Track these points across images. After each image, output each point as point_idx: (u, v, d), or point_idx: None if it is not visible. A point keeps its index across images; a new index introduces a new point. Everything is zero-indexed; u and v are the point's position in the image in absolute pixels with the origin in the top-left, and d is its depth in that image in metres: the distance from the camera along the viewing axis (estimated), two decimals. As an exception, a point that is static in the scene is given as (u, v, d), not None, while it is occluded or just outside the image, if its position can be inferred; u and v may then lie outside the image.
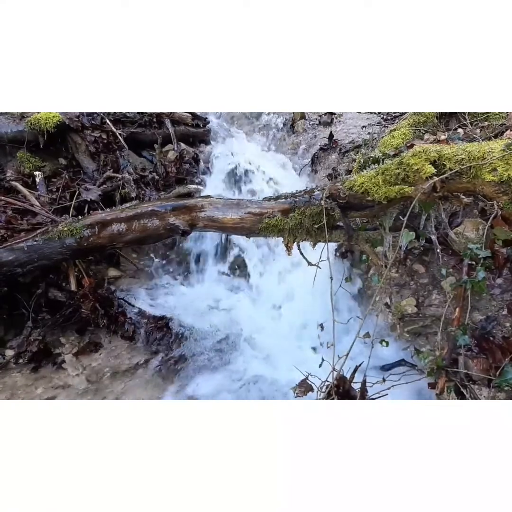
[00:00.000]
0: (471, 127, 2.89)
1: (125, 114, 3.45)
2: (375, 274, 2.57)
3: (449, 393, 1.96)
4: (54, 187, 3.05)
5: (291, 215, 2.07)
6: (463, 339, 2.01)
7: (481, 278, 2.05)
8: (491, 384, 1.93)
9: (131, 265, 3.10)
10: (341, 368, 1.79)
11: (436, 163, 1.68)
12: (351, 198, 1.93)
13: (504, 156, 1.57)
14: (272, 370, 2.46)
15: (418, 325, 2.36)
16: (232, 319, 2.83)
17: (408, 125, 3.04)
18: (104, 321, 2.59)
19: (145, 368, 2.46)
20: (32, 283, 2.56)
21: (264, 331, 2.74)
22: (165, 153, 3.54)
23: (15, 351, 2.42)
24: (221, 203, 2.23)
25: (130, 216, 2.32)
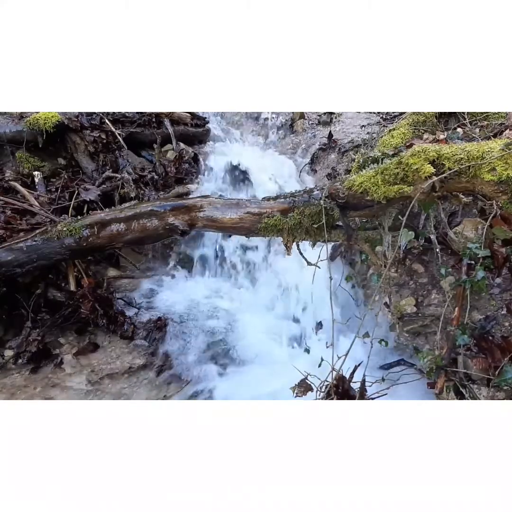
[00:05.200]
0: (470, 126, 2.89)
1: (124, 114, 3.45)
2: (374, 273, 2.57)
3: (448, 392, 1.96)
4: (53, 187, 3.05)
5: (290, 214, 2.07)
6: (462, 338, 2.01)
7: (481, 278, 2.05)
8: (490, 383, 1.93)
9: (131, 265, 3.10)
10: (340, 368, 1.80)
11: (435, 163, 1.68)
12: (350, 198, 1.93)
13: (503, 156, 1.57)
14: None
15: (417, 324, 2.36)
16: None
17: (407, 125, 3.04)
18: (104, 321, 2.59)
19: (145, 368, 2.46)
20: (31, 283, 2.56)
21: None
22: (164, 153, 3.54)
23: (14, 352, 2.42)
24: (220, 203, 2.23)
25: (129, 216, 2.32)
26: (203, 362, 2.51)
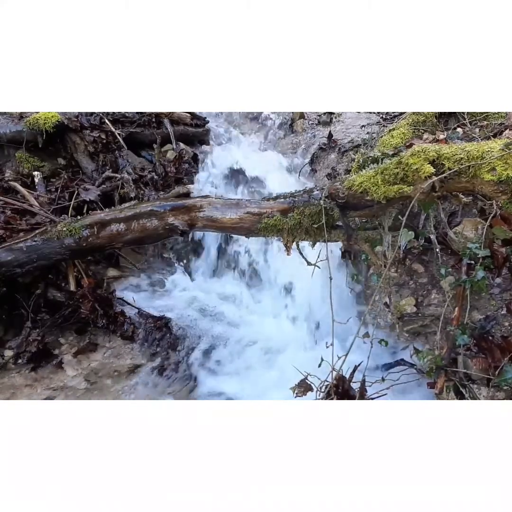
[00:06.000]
0: (470, 126, 2.89)
1: (124, 114, 3.45)
2: (374, 273, 2.57)
3: (448, 392, 1.96)
4: (53, 187, 3.05)
5: (290, 215, 2.07)
6: (462, 338, 2.01)
7: (480, 278, 2.04)
8: (490, 383, 1.93)
9: (131, 265, 3.10)
10: (340, 368, 1.80)
11: (435, 163, 1.68)
12: (350, 198, 1.93)
13: (503, 156, 1.57)
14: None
15: (417, 324, 2.36)
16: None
17: (407, 125, 3.04)
18: (103, 321, 2.58)
19: (145, 368, 2.46)
20: (31, 283, 2.56)
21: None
22: (164, 153, 3.53)
23: (14, 352, 2.41)
24: (220, 203, 2.23)
25: (129, 216, 2.32)
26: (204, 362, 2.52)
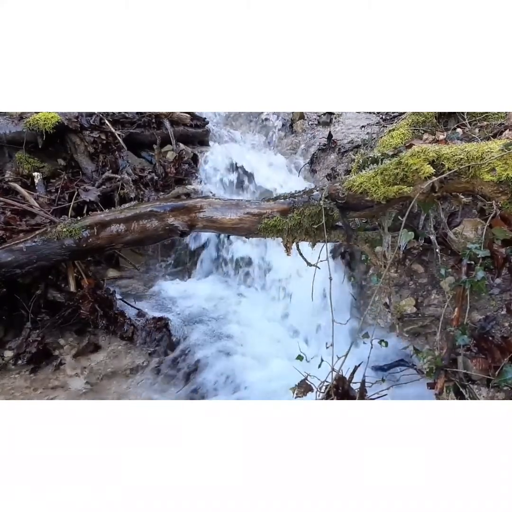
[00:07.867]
0: (470, 126, 2.89)
1: (124, 114, 3.45)
2: (374, 274, 2.57)
3: (448, 393, 1.96)
4: (53, 188, 3.05)
5: (290, 215, 2.07)
6: (462, 339, 2.01)
7: (480, 278, 2.04)
8: (490, 384, 1.93)
9: (131, 266, 3.10)
10: (340, 368, 1.80)
11: (434, 163, 1.68)
12: (350, 198, 1.93)
13: (503, 156, 1.57)
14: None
15: (417, 325, 2.36)
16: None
17: (407, 125, 3.04)
18: (103, 322, 2.58)
19: (145, 368, 2.46)
20: (31, 284, 2.55)
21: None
22: (164, 153, 3.54)
23: (14, 352, 2.41)
24: (220, 204, 2.23)
25: (129, 217, 2.31)
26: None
